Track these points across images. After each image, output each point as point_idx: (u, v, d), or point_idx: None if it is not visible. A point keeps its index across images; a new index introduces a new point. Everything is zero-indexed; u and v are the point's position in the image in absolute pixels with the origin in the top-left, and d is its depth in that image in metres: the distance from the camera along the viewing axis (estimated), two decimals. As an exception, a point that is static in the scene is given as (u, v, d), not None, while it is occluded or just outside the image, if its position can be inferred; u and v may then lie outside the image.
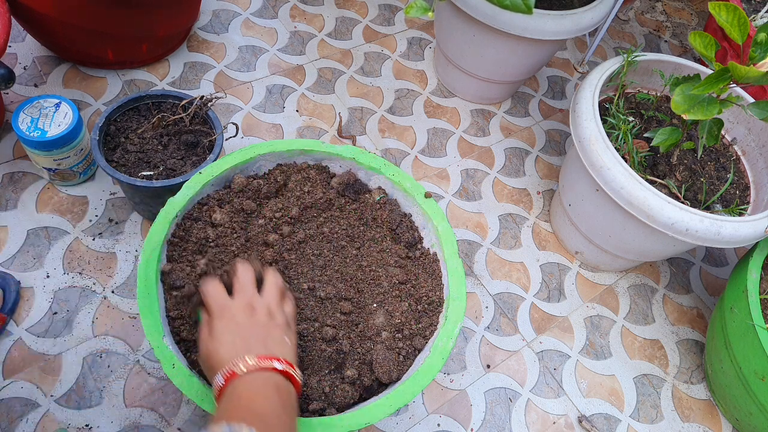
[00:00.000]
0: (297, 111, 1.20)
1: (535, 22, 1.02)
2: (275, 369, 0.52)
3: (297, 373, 0.54)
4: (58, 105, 0.91)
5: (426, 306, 0.71)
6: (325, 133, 1.18)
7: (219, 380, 0.51)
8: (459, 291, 0.69)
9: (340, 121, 1.19)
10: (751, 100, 1.00)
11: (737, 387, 0.89)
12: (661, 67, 1.04)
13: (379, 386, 0.66)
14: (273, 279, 0.61)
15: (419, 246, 0.76)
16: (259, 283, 0.61)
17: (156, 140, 0.91)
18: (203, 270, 0.65)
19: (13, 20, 0.98)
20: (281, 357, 0.54)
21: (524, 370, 0.97)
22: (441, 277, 0.73)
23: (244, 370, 0.51)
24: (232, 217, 0.72)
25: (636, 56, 1.00)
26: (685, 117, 0.80)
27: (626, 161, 0.92)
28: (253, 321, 0.56)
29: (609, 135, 0.93)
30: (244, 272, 0.60)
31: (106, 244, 0.95)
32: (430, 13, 0.91)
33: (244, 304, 0.57)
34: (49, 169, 0.94)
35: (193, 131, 0.92)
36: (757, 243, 0.92)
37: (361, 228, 0.77)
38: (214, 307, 0.57)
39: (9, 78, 0.88)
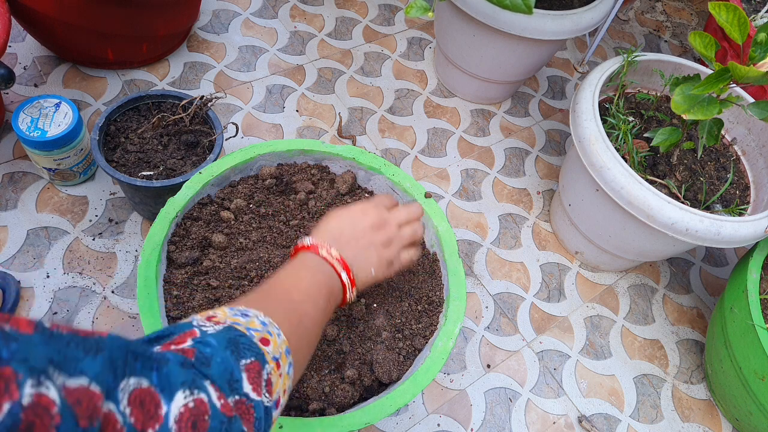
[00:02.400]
0: (297, 111, 1.20)
1: (535, 22, 1.02)
2: (340, 277, 0.54)
3: (350, 296, 0.55)
4: (58, 105, 0.91)
5: (426, 306, 0.71)
6: (325, 133, 1.18)
7: (302, 242, 0.55)
8: (459, 291, 0.69)
9: (340, 121, 1.19)
10: (751, 100, 1.00)
11: (737, 387, 0.89)
12: (661, 67, 1.04)
13: (379, 386, 0.66)
14: (413, 215, 0.63)
15: (422, 249, 0.76)
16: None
17: (156, 140, 0.91)
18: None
19: (13, 20, 0.98)
20: (353, 272, 0.55)
21: (524, 370, 0.97)
22: (441, 277, 0.73)
23: (325, 254, 0.54)
24: (250, 203, 0.74)
25: (636, 56, 1.00)
26: (685, 117, 0.80)
27: (626, 161, 0.92)
28: (364, 233, 0.57)
29: (609, 135, 0.93)
30: (382, 196, 0.63)
31: (106, 244, 0.95)
32: (430, 13, 0.92)
33: (373, 216, 0.59)
34: (49, 169, 0.94)
35: (193, 131, 0.92)
36: (757, 243, 0.92)
37: None
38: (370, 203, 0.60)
39: (9, 78, 0.88)
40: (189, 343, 0.35)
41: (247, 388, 0.35)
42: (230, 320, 0.39)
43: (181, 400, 0.29)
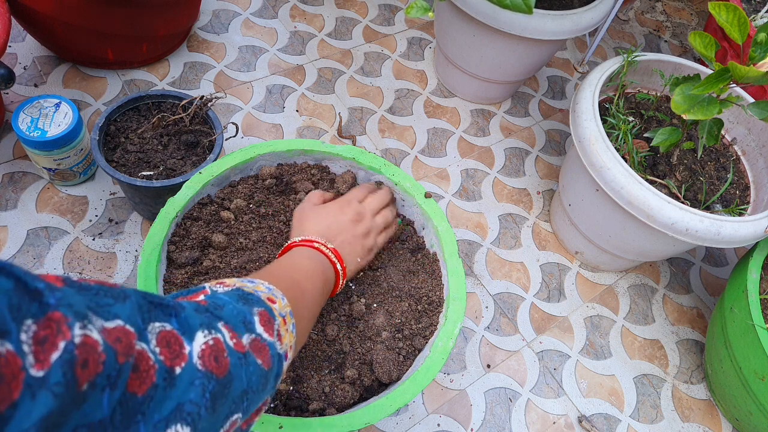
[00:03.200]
0: (297, 111, 1.20)
1: (535, 22, 1.02)
2: (335, 266, 0.59)
3: (342, 284, 0.61)
4: (58, 105, 0.91)
5: (426, 306, 0.71)
6: (325, 133, 1.18)
7: (292, 241, 0.60)
8: (459, 291, 0.69)
9: (340, 121, 1.19)
10: (751, 100, 1.00)
11: (737, 387, 0.89)
12: (661, 67, 1.03)
13: (379, 386, 0.66)
14: (382, 201, 0.69)
15: (423, 249, 0.76)
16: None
17: (156, 140, 0.91)
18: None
19: (13, 20, 0.98)
20: (345, 262, 0.61)
21: (524, 370, 0.97)
22: (441, 277, 0.73)
23: (319, 247, 0.59)
24: (250, 203, 0.74)
25: (636, 56, 1.00)
26: (685, 117, 0.80)
27: (626, 161, 0.92)
28: (347, 227, 0.63)
29: (609, 135, 0.93)
30: (354, 190, 0.69)
31: (106, 244, 0.95)
32: (430, 13, 0.92)
33: (351, 212, 0.64)
34: (49, 169, 0.94)
35: (193, 131, 0.92)
36: (757, 243, 0.92)
37: None
38: (313, 199, 0.66)
39: (9, 78, 0.88)
40: (201, 297, 0.39)
41: (260, 329, 0.39)
42: (238, 284, 0.43)
43: (201, 339, 0.32)
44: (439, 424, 0.89)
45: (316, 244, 0.59)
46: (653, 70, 1.04)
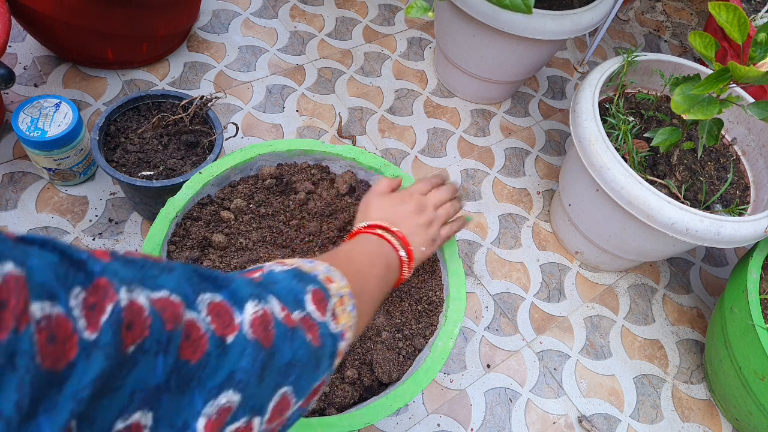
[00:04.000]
0: (297, 111, 1.20)
1: (535, 22, 1.02)
2: (398, 252, 0.58)
3: (407, 272, 0.60)
4: (58, 105, 0.91)
5: (426, 306, 0.71)
6: (325, 133, 1.18)
7: (357, 227, 0.61)
8: (459, 291, 0.69)
9: (340, 121, 1.19)
10: (751, 100, 1.00)
11: (737, 387, 0.89)
12: (661, 67, 1.03)
13: (379, 386, 0.66)
14: (445, 196, 0.68)
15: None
16: None
17: (156, 140, 0.91)
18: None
19: (13, 20, 0.98)
20: (412, 248, 0.60)
21: (524, 370, 0.97)
22: (441, 277, 0.73)
23: (386, 234, 0.59)
24: (251, 203, 0.74)
25: (636, 56, 1.00)
26: (685, 117, 0.80)
27: (626, 161, 0.92)
28: (411, 216, 0.63)
29: (609, 135, 0.93)
30: (419, 183, 0.68)
31: (106, 244, 0.95)
32: (430, 13, 0.92)
33: (413, 203, 0.64)
34: (49, 169, 0.94)
35: (193, 131, 0.92)
36: (757, 243, 0.92)
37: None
38: (380, 187, 0.66)
39: (9, 78, 0.88)
40: (258, 275, 0.40)
41: (311, 306, 0.39)
42: (297, 264, 0.43)
43: (251, 309, 0.33)
44: (439, 424, 0.89)
45: (379, 230, 0.59)
46: (653, 70, 1.04)
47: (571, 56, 1.47)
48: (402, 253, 0.58)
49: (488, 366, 0.96)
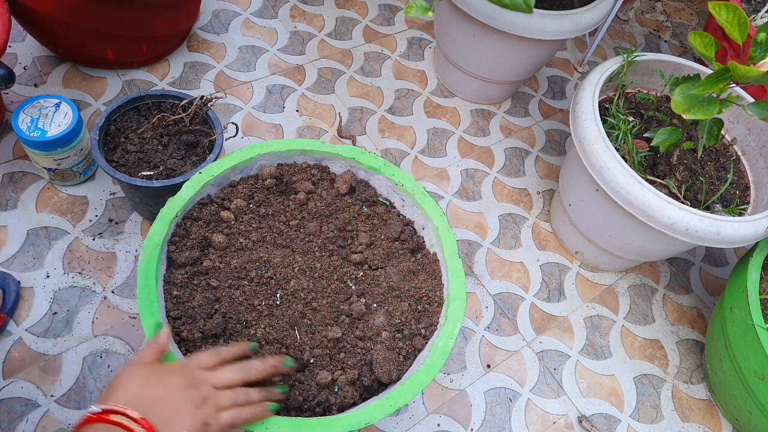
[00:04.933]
0: (297, 111, 1.20)
1: (535, 22, 1.02)
2: (126, 427, 0.46)
3: None
4: (58, 105, 0.91)
5: (426, 306, 0.71)
6: (325, 133, 1.18)
7: (90, 411, 0.47)
8: (459, 291, 0.69)
9: (340, 121, 1.19)
10: (751, 100, 1.00)
11: (737, 387, 0.89)
12: (661, 67, 1.04)
13: (379, 386, 0.66)
14: (236, 377, 0.55)
15: (423, 249, 0.76)
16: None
17: (156, 140, 0.91)
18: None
19: (13, 20, 0.98)
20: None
21: (524, 370, 0.97)
22: (441, 277, 0.73)
23: (124, 421, 0.46)
24: (251, 204, 0.74)
25: (636, 56, 1.00)
26: (685, 117, 0.80)
27: (626, 161, 0.92)
28: (175, 390, 0.50)
29: (609, 135, 0.93)
30: (206, 354, 0.56)
31: (106, 244, 0.95)
32: (430, 13, 0.92)
33: (182, 376, 0.52)
34: (49, 169, 0.94)
35: (193, 131, 0.92)
36: (757, 243, 0.92)
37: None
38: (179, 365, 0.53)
39: (9, 78, 0.88)
40: None
41: None
42: None
43: None
44: (439, 424, 0.89)
45: (116, 417, 0.46)
46: (653, 70, 1.04)
47: (571, 56, 1.47)
48: None
49: (488, 366, 0.96)
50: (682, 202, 0.88)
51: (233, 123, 0.96)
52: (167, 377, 0.51)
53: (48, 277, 0.90)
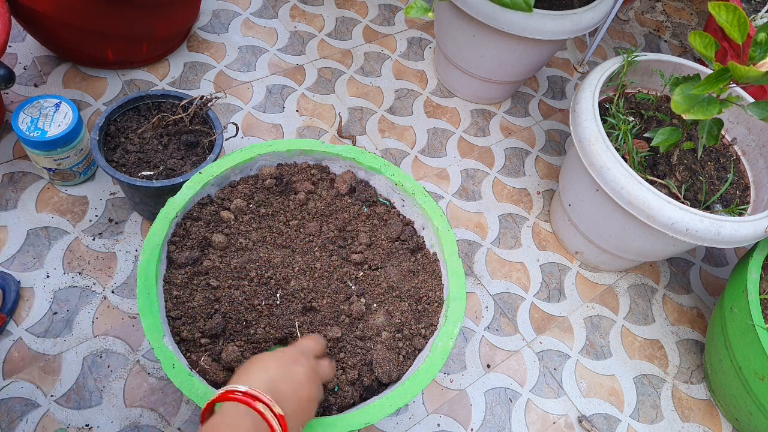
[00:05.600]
0: (297, 111, 1.20)
1: (535, 22, 1.02)
2: (269, 423, 0.47)
3: None
4: (58, 105, 0.91)
5: (426, 306, 0.71)
6: (325, 133, 1.18)
7: (233, 387, 0.49)
8: (459, 291, 0.69)
9: (340, 121, 1.19)
10: (751, 100, 1.00)
11: (737, 387, 0.89)
12: (661, 67, 1.04)
13: (379, 386, 0.66)
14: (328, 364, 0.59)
15: (423, 249, 0.76)
16: None
17: (156, 140, 0.91)
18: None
19: (13, 20, 0.98)
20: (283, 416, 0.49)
21: (524, 370, 0.97)
22: (441, 277, 0.73)
23: (263, 410, 0.47)
24: (250, 203, 0.74)
25: (636, 56, 1.00)
26: (685, 117, 0.80)
27: (626, 161, 0.92)
28: (302, 386, 0.52)
29: (609, 135, 0.93)
30: (311, 341, 0.59)
31: (106, 244, 0.95)
32: (430, 14, 0.92)
33: (307, 367, 0.54)
34: (49, 169, 0.94)
35: (193, 131, 0.92)
36: (757, 243, 0.92)
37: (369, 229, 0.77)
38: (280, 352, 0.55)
39: (9, 78, 0.88)
40: None
41: None
42: None
43: None
44: (439, 424, 0.89)
45: (259, 405, 0.47)
46: (653, 70, 1.04)
47: (571, 56, 1.47)
48: None
49: (488, 366, 0.96)
50: (682, 202, 0.88)
51: (233, 123, 0.96)
52: (294, 369, 0.53)
53: (48, 277, 0.90)
